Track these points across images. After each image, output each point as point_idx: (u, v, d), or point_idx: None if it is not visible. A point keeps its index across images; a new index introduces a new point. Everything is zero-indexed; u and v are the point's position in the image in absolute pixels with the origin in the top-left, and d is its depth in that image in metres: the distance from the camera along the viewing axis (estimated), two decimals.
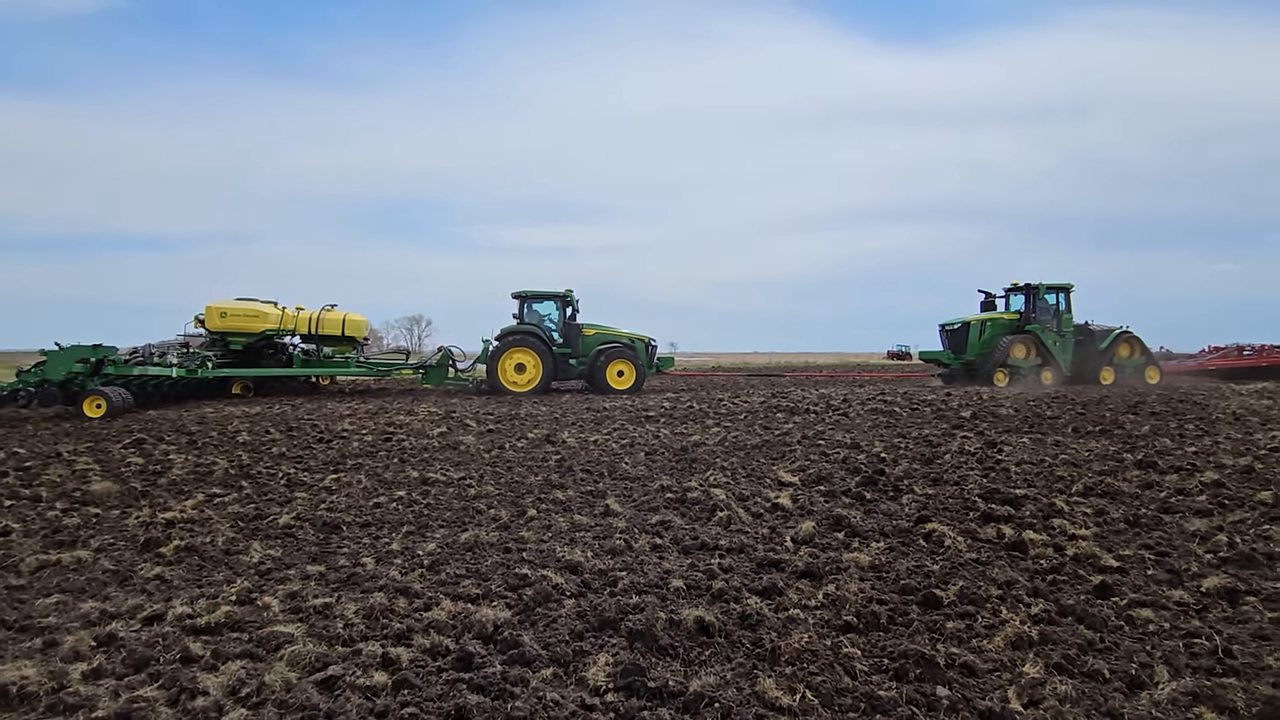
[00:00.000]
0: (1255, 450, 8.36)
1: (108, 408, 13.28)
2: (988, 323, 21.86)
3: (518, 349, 18.62)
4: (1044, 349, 21.35)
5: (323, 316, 18.58)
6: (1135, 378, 21.73)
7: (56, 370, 13.58)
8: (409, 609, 3.75)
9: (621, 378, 19.07)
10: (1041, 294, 21.83)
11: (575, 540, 5.01)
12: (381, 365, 19.93)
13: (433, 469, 7.79)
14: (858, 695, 2.81)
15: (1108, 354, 21.88)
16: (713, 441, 9.55)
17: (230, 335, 17.67)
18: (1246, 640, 3.33)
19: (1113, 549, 4.68)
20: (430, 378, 19.50)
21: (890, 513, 5.69)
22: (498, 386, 18.42)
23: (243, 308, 17.74)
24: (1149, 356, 22.55)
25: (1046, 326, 21.56)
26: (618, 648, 3.21)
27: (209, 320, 17.59)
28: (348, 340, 19.00)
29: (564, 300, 19.59)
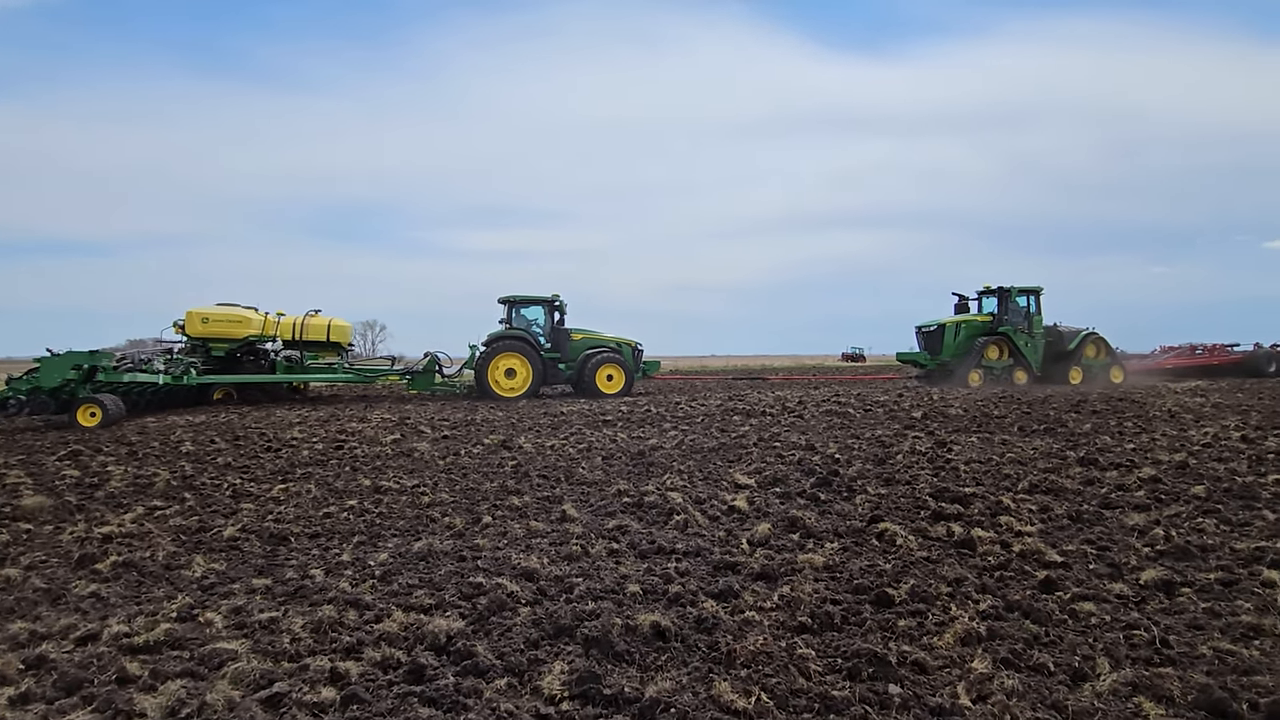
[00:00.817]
0: (1189, 446, 8.70)
1: (104, 416, 12.74)
2: (962, 325, 22.61)
3: (507, 354, 18.54)
4: (1016, 350, 22.19)
5: (307, 322, 18.21)
6: (1101, 377, 22.60)
7: (50, 377, 13.09)
8: (359, 621, 3.66)
9: (611, 382, 19.17)
10: (1013, 297, 22.70)
11: (531, 547, 4.96)
12: (369, 371, 19.49)
13: (385, 477, 7.64)
14: (812, 696, 2.83)
15: (1076, 354, 22.77)
16: (670, 445, 9.56)
17: (212, 341, 17.13)
18: (1182, 630, 3.45)
19: (1057, 544, 4.82)
20: (417, 383, 19.24)
21: (844, 513, 5.76)
22: (487, 392, 18.28)
23: (225, 313, 17.25)
24: (1114, 357, 23.54)
25: (1018, 328, 22.39)
26: (573, 655, 3.18)
27: (189, 326, 17.04)
28: (333, 346, 18.61)
29: (552, 305, 19.57)
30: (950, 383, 21.30)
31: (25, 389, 13.17)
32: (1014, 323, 22.46)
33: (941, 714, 2.71)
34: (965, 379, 21.30)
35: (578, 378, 19.34)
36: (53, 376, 13.13)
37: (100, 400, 12.97)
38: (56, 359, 13.36)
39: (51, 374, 13.15)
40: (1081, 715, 2.69)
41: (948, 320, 22.77)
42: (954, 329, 22.45)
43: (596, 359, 19.22)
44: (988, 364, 21.91)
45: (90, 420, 12.67)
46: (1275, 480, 6.60)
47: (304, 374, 18.72)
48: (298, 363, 18.68)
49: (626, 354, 19.74)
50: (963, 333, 22.43)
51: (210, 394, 17.66)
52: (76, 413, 12.74)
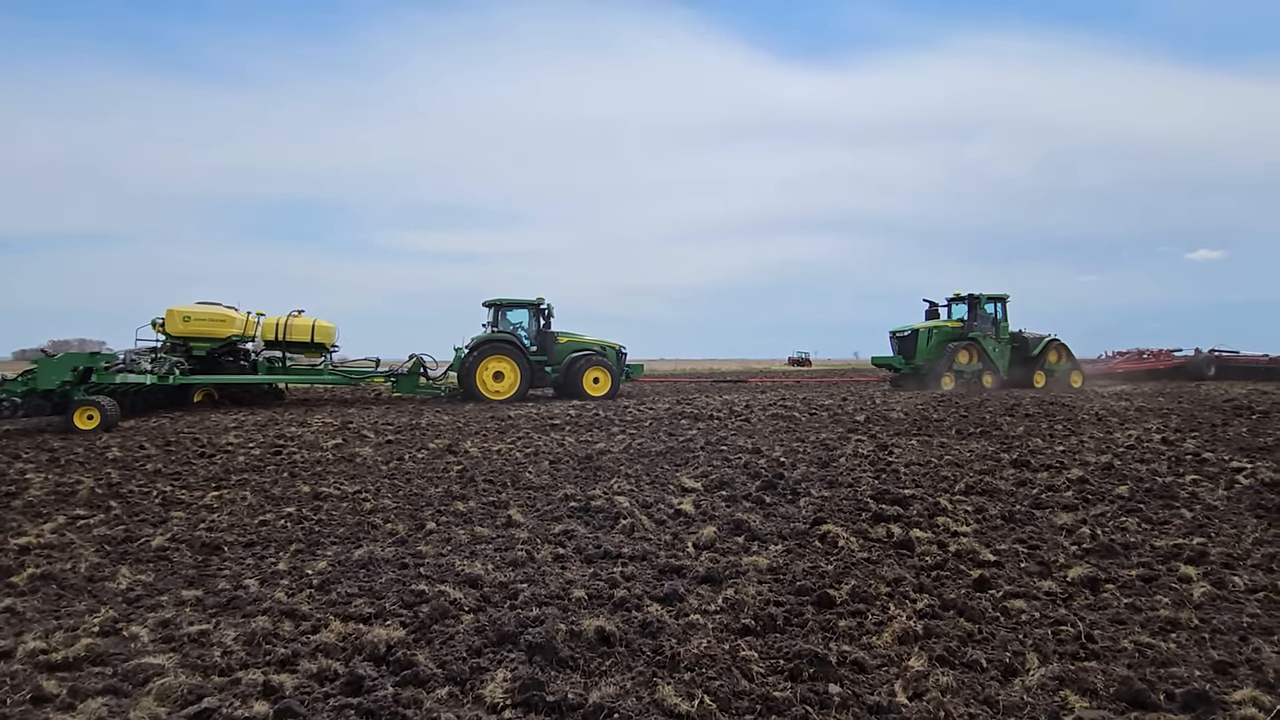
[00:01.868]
0: (1114, 448, 9.09)
1: (101, 419, 12.20)
2: (934, 330, 23.45)
3: (496, 357, 18.53)
4: (985, 355, 23.10)
5: (291, 322, 17.75)
6: (1062, 381, 23.67)
7: (49, 379, 12.59)
8: (295, 632, 3.56)
9: (597, 384, 19.32)
10: (982, 304, 23.67)
11: (476, 553, 4.89)
12: (355, 373, 19.08)
13: (326, 483, 7.45)
14: (754, 697, 2.86)
15: (1040, 360, 23.80)
16: (618, 449, 9.56)
17: (194, 340, 16.54)
18: (1106, 625, 3.60)
19: (990, 544, 4.97)
20: (401, 386, 18.94)
21: (788, 515, 5.84)
22: (475, 394, 18.18)
23: (208, 312, 16.69)
24: (1074, 362, 24.62)
25: (987, 334, 23.34)
26: (517, 662, 3.15)
27: (170, 324, 16.42)
28: (316, 347, 18.17)
29: (537, 308, 19.62)
30: (923, 386, 22.11)
31: (20, 390, 12.63)
32: (983, 329, 23.44)
33: (879, 712, 2.77)
34: (938, 382, 22.14)
35: (563, 380, 19.39)
36: (50, 378, 12.63)
37: (98, 402, 12.44)
38: (55, 360, 12.89)
39: (49, 375, 12.65)
40: (1011, 709, 2.78)
41: (920, 326, 23.61)
42: (927, 334, 23.32)
43: (582, 362, 19.35)
44: (959, 368, 22.75)
45: (88, 423, 12.14)
46: (1192, 480, 6.95)
47: (289, 375, 18.31)
48: (279, 363, 18.24)
49: (611, 357, 19.93)
50: (935, 338, 23.32)
51: (190, 395, 17.10)
52: (73, 416, 12.18)
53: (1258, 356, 30.34)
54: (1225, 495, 6.39)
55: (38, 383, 12.63)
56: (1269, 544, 4.94)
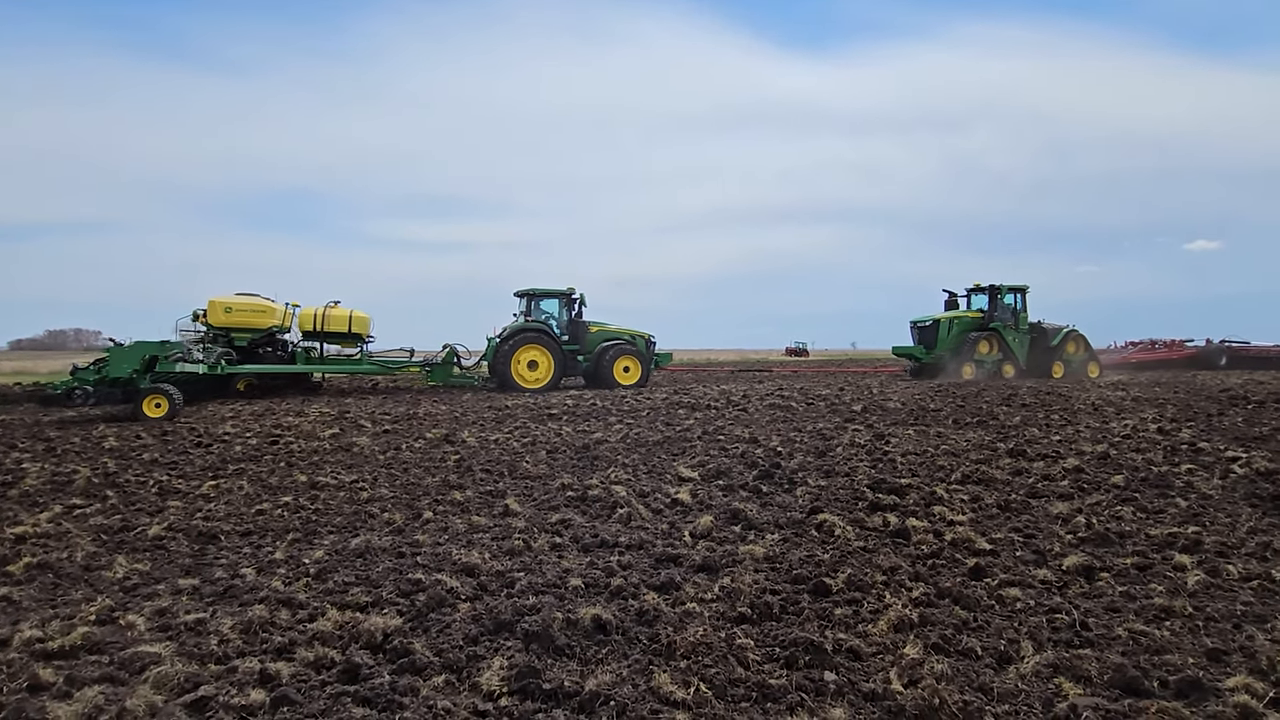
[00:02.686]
0: (1110, 438, 9.11)
1: (169, 407, 12.55)
2: (955, 320, 23.51)
3: (530, 346, 18.70)
4: (1005, 345, 23.18)
5: (328, 313, 17.98)
6: (1080, 371, 23.78)
7: (120, 367, 12.88)
8: (291, 621, 3.56)
9: (628, 373, 19.55)
10: (1002, 294, 23.66)
11: (473, 542, 4.90)
12: (392, 363, 19.31)
13: (323, 472, 7.45)
14: (750, 685, 2.86)
15: (1058, 350, 23.83)
16: (615, 439, 9.57)
17: (235, 331, 16.75)
18: (1100, 613, 3.61)
19: (986, 533, 4.99)
20: (435, 375, 19.18)
21: (785, 505, 5.85)
22: (509, 383, 18.34)
23: (249, 303, 16.90)
24: (1091, 353, 24.73)
25: (1007, 324, 23.37)
26: (513, 650, 3.16)
27: (212, 315, 16.61)
28: (354, 337, 18.40)
29: (569, 298, 19.78)
30: (944, 376, 22.25)
31: (92, 379, 12.88)
32: (1003, 319, 23.47)
33: (874, 699, 2.78)
34: (959, 372, 22.24)
35: (594, 369, 19.55)
36: (122, 367, 12.90)
37: (167, 391, 12.76)
38: (127, 349, 13.23)
39: (121, 364, 12.92)
40: (1006, 697, 2.79)
41: (942, 316, 23.70)
42: (948, 324, 23.39)
43: (613, 351, 19.54)
44: (979, 358, 22.83)
45: (156, 411, 12.47)
46: (1187, 470, 6.97)
47: (331, 365, 18.65)
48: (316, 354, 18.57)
49: (641, 346, 20.14)
50: (955, 328, 23.38)
51: (233, 384, 17.44)
52: (142, 404, 12.51)
53: (1269, 347, 30.75)
54: (1220, 484, 6.41)
55: (110, 371, 12.90)
56: (1263, 533, 4.96)
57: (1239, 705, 2.63)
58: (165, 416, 12.38)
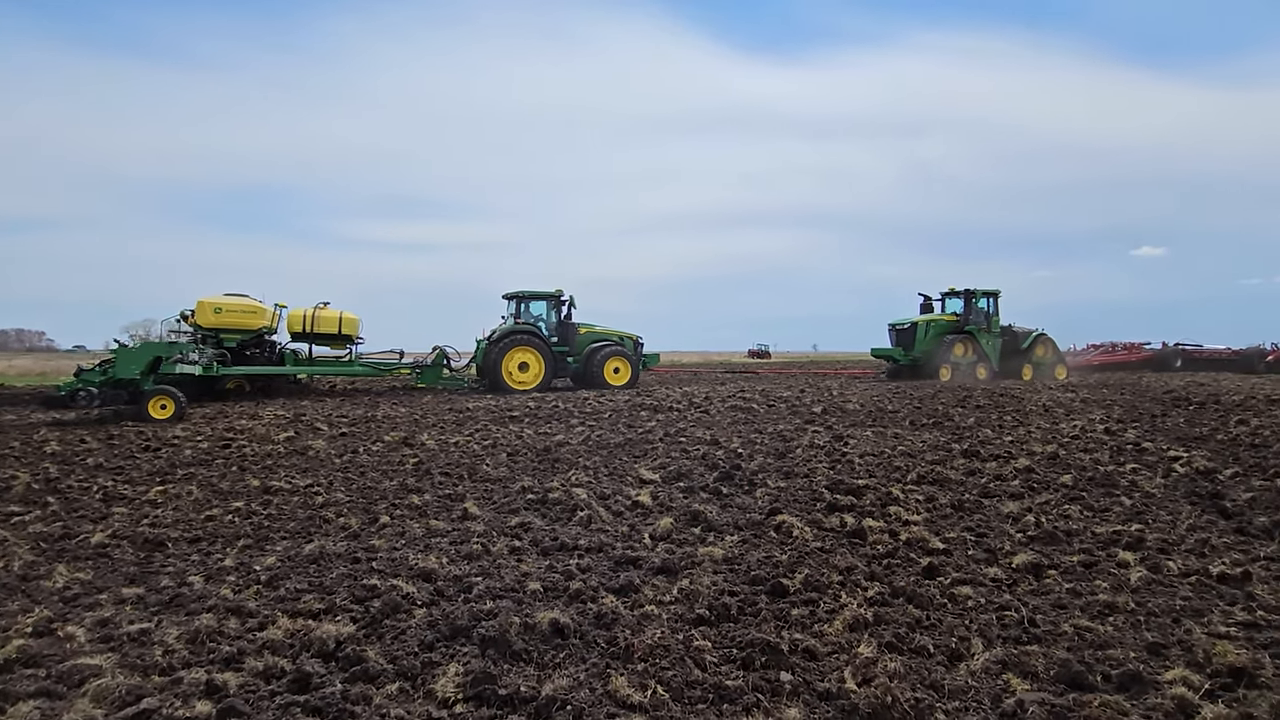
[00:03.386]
0: (1060, 438, 9.37)
1: (175, 409, 12.42)
2: (931, 323, 24.17)
3: (521, 348, 18.77)
4: (979, 348, 23.96)
5: (318, 314, 17.64)
6: (1049, 373, 24.64)
7: (127, 369, 12.72)
8: (240, 630, 3.47)
9: (618, 374, 19.70)
10: (976, 299, 24.42)
11: (430, 547, 4.84)
12: (382, 365, 19.09)
13: (276, 477, 7.28)
14: (707, 687, 2.88)
15: (1028, 353, 24.75)
16: (576, 441, 9.54)
17: (224, 332, 16.33)
18: (1048, 610, 3.71)
19: (940, 532, 5.08)
20: (425, 377, 19.07)
21: (744, 506, 5.89)
22: (501, 385, 18.35)
23: (240, 304, 16.48)
24: (1059, 355, 25.71)
25: (981, 328, 24.16)
26: (469, 656, 3.12)
27: (200, 316, 16.14)
28: (343, 338, 18.13)
29: (558, 300, 19.84)
30: (921, 377, 22.94)
31: (98, 380, 12.62)
32: (977, 322, 24.27)
33: (829, 698, 2.81)
34: (937, 373, 22.96)
35: (584, 371, 19.64)
36: (129, 368, 12.75)
37: (173, 393, 12.62)
38: (134, 350, 13.17)
39: (128, 365, 12.77)
40: (956, 693, 2.84)
41: (919, 319, 24.36)
42: (925, 327, 24.03)
43: (603, 352, 19.67)
44: (955, 360, 23.56)
45: (162, 413, 12.35)
46: (1132, 469, 7.20)
47: (323, 367, 18.40)
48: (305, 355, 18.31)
49: (629, 347, 20.29)
50: (932, 331, 24.04)
51: (222, 385, 17.01)
52: (148, 405, 12.35)
53: (1220, 349, 32.28)
54: (1163, 483, 6.63)
55: (116, 372, 12.70)
56: (1202, 530, 5.14)
57: (1176, 697, 2.72)
58: (172, 418, 12.24)
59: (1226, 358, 31.34)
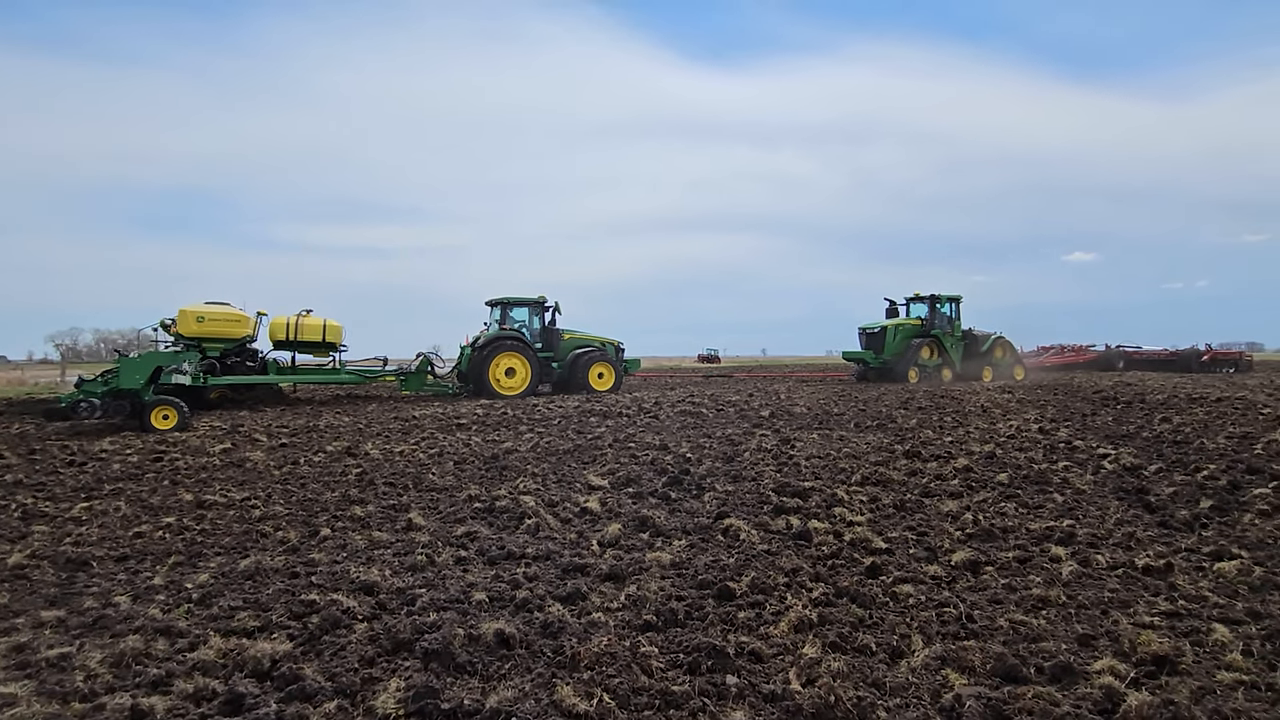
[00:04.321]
0: (997, 438, 9.67)
1: (179, 419, 12.34)
2: (900, 328, 25.24)
3: (508, 353, 18.96)
4: (944, 351, 25.16)
5: (302, 322, 17.32)
6: (1007, 373, 25.94)
7: (131, 378, 12.64)
8: (169, 651, 3.33)
9: (602, 379, 20.09)
10: (941, 304, 25.62)
11: (373, 559, 4.72)
12: (367, 372, 18.83)
13: (211, 490, 7.03)
14: (653, 693, 2.87)
15: (988, 355, 26.03)
16: (525, 448, 9.45)
17: (207, 341, 15.86)
18: (985, 605, 3.81)
19: (882, 532, 5.19)
20: (409, 384, 18.95)
21: (693, 511, 5.91)
22: (488, 390, 18.51)
23: (223, 313, 16.03)
24: (1016, 356, 27.08)
25: (945, 332, 25.34)
26: (411, 670, 3.05)
27: (182, 325, 15.65)
28: (328, 346, 17.84)
29: (542, 306, 20.15)
30: (891, 379, 23.99)
31: (100, 391, 12.47)
32: (941, 327, 25.48)
33: (774, 700, 2.83)
34: (905, 376, 24.01)
35: (568, 376, 19.92)
36: (133, 378, 12.67)
37: (175, 402, 12.55)
38: (137, 360, 13.09)
39: (131, 375, 12.69)
40: (897, 690, 2.90)
41: (888, 323, 25.39)
42: (894, 331, 25.10)
43: (587, 358, 20.03)
44: (921, 363, 24.70)
45: (164, 423, 12.27)
46: (1064, 467, 7.47)
47: (309, 375, 18.07)
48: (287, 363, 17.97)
49: (611, 352, 20.71)
50: (900, 335, 25.13)
51: (207, 395, 16.41)
52: (150, 415, 12.25)
53: (1159, 350, 34.61)
54: (1092, 480, 6.89)
55: (120, 382, 12.57)
56: (1128, 524, 5.36)
57: (1104, 686, 2.82)
58: (175, 428, 12.14)
59: (1165, 358, 33.51)
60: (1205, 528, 5.25)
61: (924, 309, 25.79)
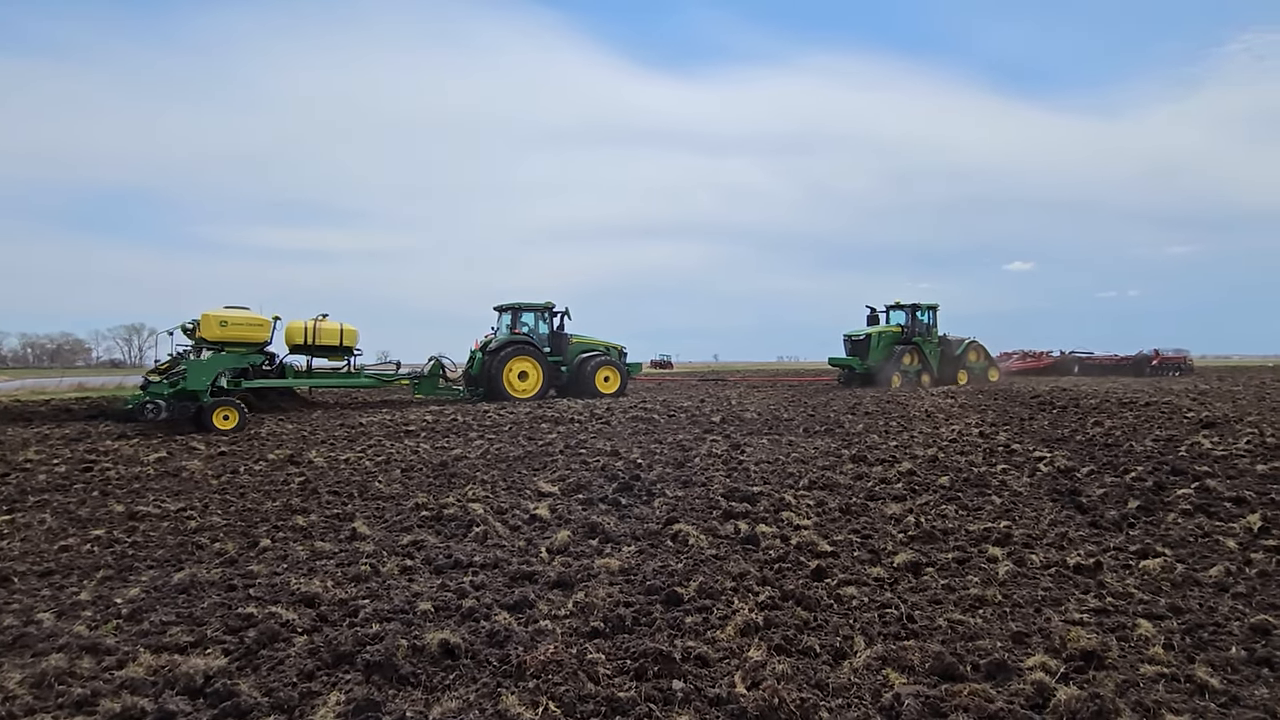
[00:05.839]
0: (939, 442, 9.92)
1: (239, 419, 12.86)
2: (882, 334, 26.31)
3: (520, 358, 19.35)
4: (924, 356, 26.27)
5: (319, 327, 17.24)
6: (982, 377, 27.31)
7: (198, 380, 13.16)
8: (96, 669, 3.19)
9: (608, 383, 20.57)
10: (920, 311, 26.84)
11: (315, 570, 4.61)
12: (385, 376, 18.87)
13: (144, 501, 6.77)
14: (599, 700, 2.86)
15: (962, 359, 27.30)
16: (475, 455, 9.34)
17: (229, 345, 15.54)
18: (925, 605, 3.90)
19: (828, 535, 5.28)
20: (422, 388, 19.01)
21: (643, 516, 5.93)
22: (501, 394, 18.73)
23: (245, 317, 15.71)
24: (989, 360, 28.42)
25: (925, 339, 26.52)
26: (352, 684, 2.99)
27: (205, 330, 15.26)
28: (345, 350, 17.78)
29: (550, 312, 20.55)
30: (874, 384, 24.90)
31: (167, 393, 12.83)
32: (920, 333, 26.61)
33: (719, 704, 2.85)
34: (889, 381, 25.00)
35: (575, 379, 20.31)
36: (200, 380, 13.19)
37: (235, 403, 13.04)
38: (204, 362, 13.66)
39: (199, 377, 13.21)
40: (839, 691, 2.95)
41: (872, 331, 26.45)
42: (878, 338, 26.15)
43: (593, 362, 20.47)
44: (904, 368, 25.67)
45: (225, 423, 12.76)
46: (1003, 469, 7.71)
47: (330, 380, 18.06)
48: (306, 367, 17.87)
49: (615, 356, 21.08)
50: (884, 341, 26.20)
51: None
52: (211, 416, 12.72)
53: (1109, 356, 37.02)
54: (1029, 482, 7.13)
55: (188, 384, 13.01)
56: (1061, 524, 5.56)
57: (1035, 682, 2.91)
58: (235, 428, 12.61)
59: (1118, 363, 35.65)
60: (1133, 527, 5.47)
61: (904, 316, 26.97)
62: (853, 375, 26.51)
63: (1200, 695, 2.88)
